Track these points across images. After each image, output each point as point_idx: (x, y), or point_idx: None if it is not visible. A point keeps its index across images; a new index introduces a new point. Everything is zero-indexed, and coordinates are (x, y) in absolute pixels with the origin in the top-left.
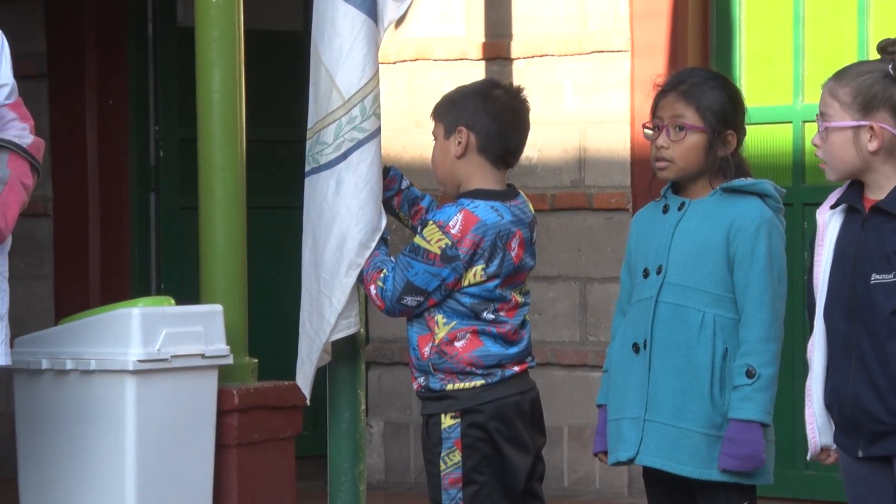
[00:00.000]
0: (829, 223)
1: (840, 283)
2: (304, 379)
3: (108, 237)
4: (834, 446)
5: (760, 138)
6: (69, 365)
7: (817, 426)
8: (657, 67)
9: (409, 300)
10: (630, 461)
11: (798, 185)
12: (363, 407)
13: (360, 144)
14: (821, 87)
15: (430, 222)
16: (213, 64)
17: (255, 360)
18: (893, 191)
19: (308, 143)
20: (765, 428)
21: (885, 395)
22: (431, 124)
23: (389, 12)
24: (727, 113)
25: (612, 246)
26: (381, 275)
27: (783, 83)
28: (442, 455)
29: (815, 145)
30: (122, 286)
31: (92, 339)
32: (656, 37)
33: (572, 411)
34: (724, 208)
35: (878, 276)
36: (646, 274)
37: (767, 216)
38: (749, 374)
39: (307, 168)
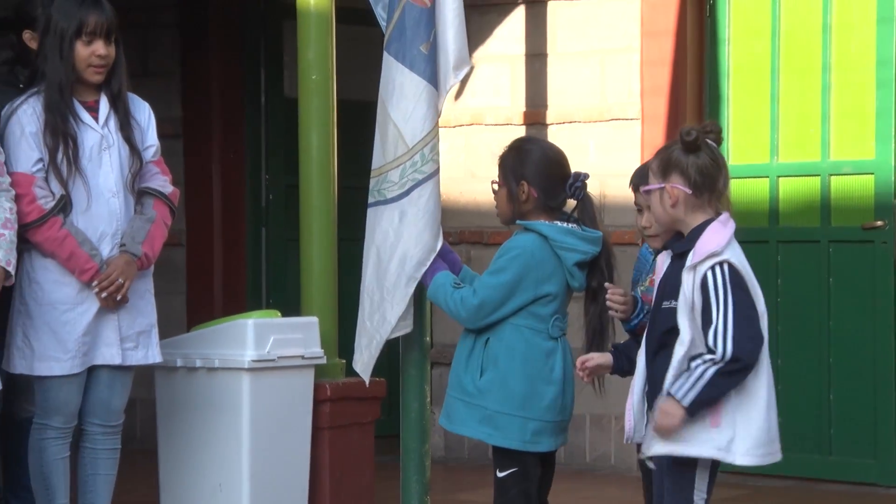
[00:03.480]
0: (665, 263)
1: (655, 307)
2: (362, 365)
3: (229, 262)
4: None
5: (743, 189)
6: (198, 363)
7: (633, 413)
8: (662, 133)
9: None
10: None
11: (773, 226)
12: (428, 399)
13: (419, 183)
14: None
15: None
16: (312, 126)
17: (343, 361)
18: (684, 236)
19: (373, 181)
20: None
21: (652, 400)
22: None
23: (449, 80)
24: (515, 165)
25: (623, 272)
26: None
27: (762, 146)
28: None
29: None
30: (239, 301)
31: (216, 343)
32: (661, 109)
33: (593, 403)
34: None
35: (666, 303)
36: None
37: (520, 244)
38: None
39: (371, 200)
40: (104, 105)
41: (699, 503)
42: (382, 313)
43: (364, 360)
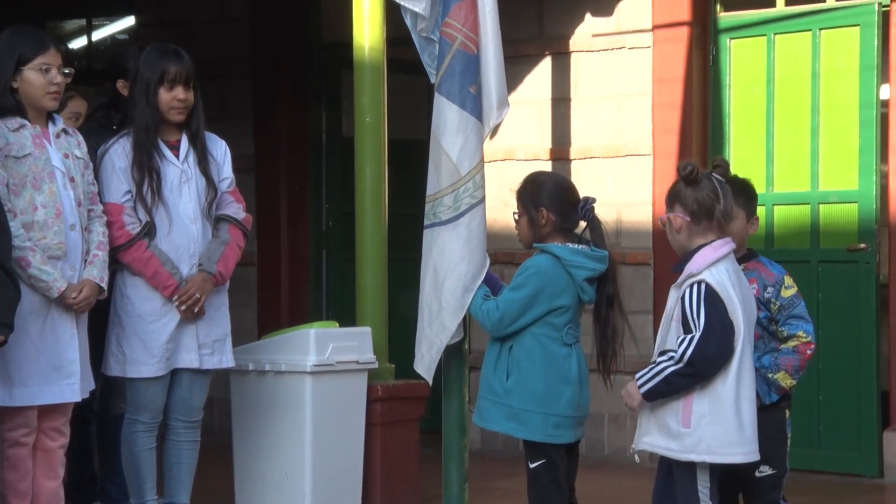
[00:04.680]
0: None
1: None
2: (425, 368)
3: (294, 280)
4: None
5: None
6: (267, 367)
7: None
8: (672, 167)
9: None
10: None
11: (769, 248)
12: (467, 399)
13: (472, 207)
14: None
15: None
16: (366, 162)
17: (393, 366)
18: (683, 259)
19: (428, 206)
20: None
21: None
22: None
23: (493, 118)
24: (533, 195)
25: (638, 288)
26: None
27: (759, 178)
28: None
29: None
30: (302, 314)
31: (282, 350)
32: (672, 146)
33: (611, 402)
34: None
35: None
36: None
37: (536, 263)
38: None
39: (426, 223)
40: (184, 143)
41: (703, 497)
42: (441, 321)
43: (426, 364)
